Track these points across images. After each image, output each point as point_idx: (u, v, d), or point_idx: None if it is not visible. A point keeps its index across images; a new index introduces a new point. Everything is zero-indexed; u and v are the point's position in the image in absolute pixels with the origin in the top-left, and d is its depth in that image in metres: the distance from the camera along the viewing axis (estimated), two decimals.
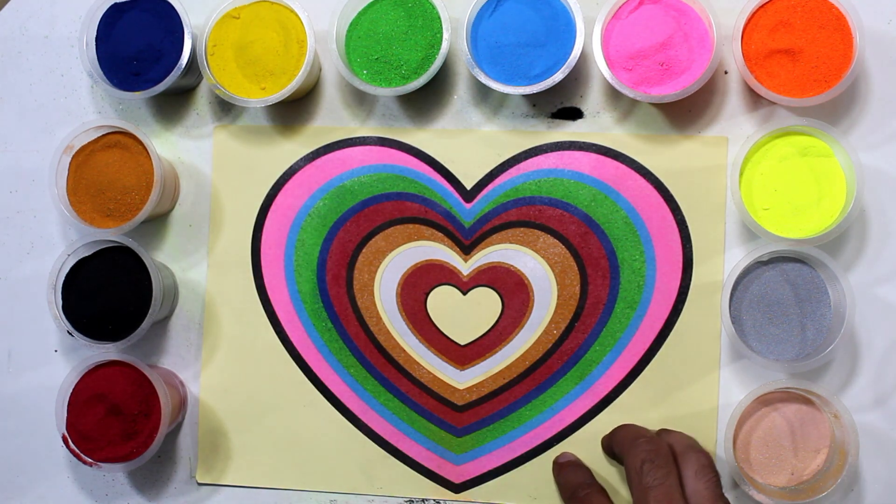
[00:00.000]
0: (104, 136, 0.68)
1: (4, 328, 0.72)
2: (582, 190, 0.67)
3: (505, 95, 0.68)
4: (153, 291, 0.66)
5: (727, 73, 0.67)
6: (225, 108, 0.71)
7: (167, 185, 0.68)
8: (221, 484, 0.70)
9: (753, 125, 0.66)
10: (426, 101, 0.69)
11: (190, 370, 0.70)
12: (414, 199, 0.69)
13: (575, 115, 0.68)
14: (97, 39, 0.69)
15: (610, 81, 0.63)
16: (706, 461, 0.57)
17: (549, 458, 0.67)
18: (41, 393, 0.71)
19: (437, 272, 0.68)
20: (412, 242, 0.69)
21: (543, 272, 0.67)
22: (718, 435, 0.65)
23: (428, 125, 0.69)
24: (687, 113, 0.67)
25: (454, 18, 0.66)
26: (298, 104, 0.71)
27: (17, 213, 0.73)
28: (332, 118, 0.70)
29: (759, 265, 0.63)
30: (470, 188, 0.68)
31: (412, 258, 0.69)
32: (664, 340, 0.66)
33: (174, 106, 0.72)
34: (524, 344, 0.67)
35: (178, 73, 0.67)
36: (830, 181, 0.62)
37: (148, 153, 0.67)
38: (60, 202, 0.67)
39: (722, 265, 0.66)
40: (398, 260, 0.69)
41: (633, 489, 0.57)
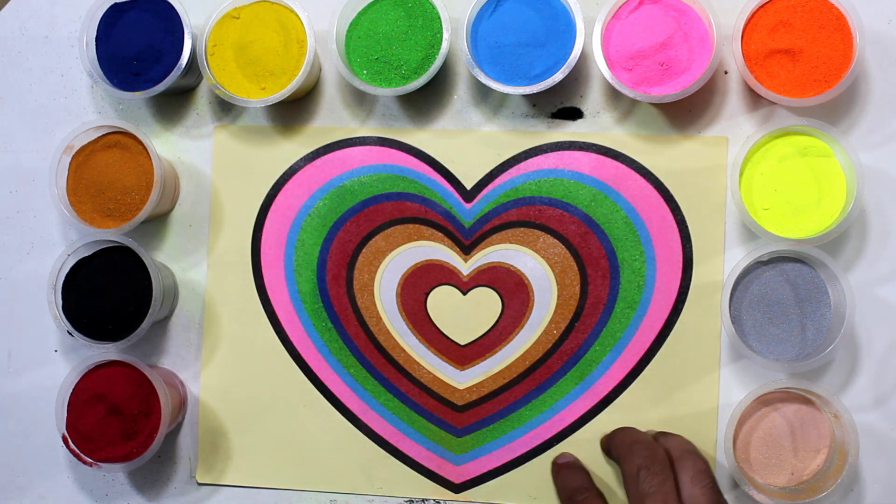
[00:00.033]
0: (104, 136, 0.68)
1: (4, 328, 0.72)
2: (582, 190, 0.67)
3: (505, 95, 0.68)
4: (153, 291, 0.66)
5: (727, 73, 0.67)
6: (225, 108, 0.71)
7: (167, 185, 0.68)
8: (221, 484, 0.70)
9: (753, 125, 0.66)
10: (426, 101, 0.69)
11: (190, 370, 0.70)
12: (414, 199, 0.69)
13: (575, 115, 0.68)
14: (97, 39, 0.69)
15: (610, 81, 0.63)
16: (702, 466, 0.57)
17: (549, 458, 0.67)
18: (41, 393, 0.71)
19: (437, 272, 0.68)
20: (412, 242, 0.69)
21: (543, 272, 0.67)
22: (718, 435, 0.65)
23: (428, 125, 0.69)
24: (687, 113, 0.67)
25: (454, 18, 0.66)
26: (298, 104, 0.71)
27: (17, 213, 0.73)
28: (332, 118, 0.70)
29: (759, 265, 0.63)
30: (470, 188, 0.68)
31: (412, 258, 0.68)
32: (664, 340, 0.66)
33: (174, 106, 0.72)
34: (524, 344, 0.67)
35: (178, 73, 0.67)
36: (830, 181, 0.62)
37: (148, 153, 0.67)
38: (60, 202, 0.67)
39: (722, 265, 0.66)
40: (398, 260, 0.69)
41: (630, 496, 0.57)
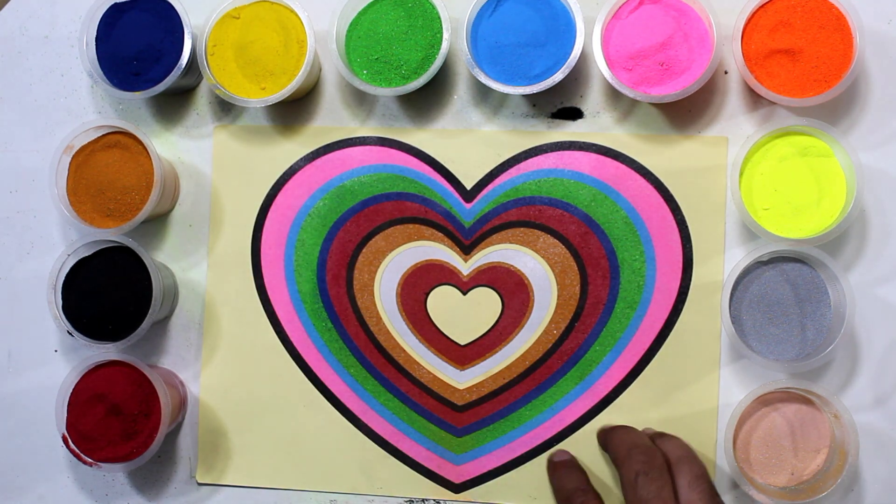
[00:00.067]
0: (104, 136, 0.68)
1: (4, 328, 0.72)
2: (582, 190, 0.67)
3: (505, 95, 0.68)
4: (153, 291, 0.66)
5: (727, 73, 0.67)
6: (225, 108, 0.71)
7: (167, 185, 0.68)
8: (221, 484, 0.70)
9: (753, 125, 0.66)
10: (426, 101, 0.69)
11: (190, 370, 0.70)
12: (414, 199, 0.69)
13: (575, 115, 0.68)
14: (97, 39, 0.69)
15: (610, 81, 0.63)
16: (700, 471, 0.57)
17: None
18: (41, 393, 0.71)
19: (437, 272, 0.68)
20: (412, 242, 0.69)
21: (543, 272, 0.67)
22: (718, 435, 0.65)
23: (428, 125, 0.69)
24: (687, 113, 0.67)
25: (454, 18, 0.66)
26: (298, 104, 0.71)
27: (17, 213, 0.73)
28: (332, 118, 0.70)
29: (759, 265, 0.63)
30: (470, 188, 0.68)
31: (412, 258, 0.68)
32: (664, 340, 0.66)
33: (174, 106, 0.72)
34: (524, 344, 0.67)
35: (178, 73, 0.67)
36: (830, 181, 0.62)
37: (148, 153, 0.67)
38: (60, 202, 0.67)
39: (722, 265, 0.66)
40: (398, 260, 0.69)
41: (628, 501, 0.57)
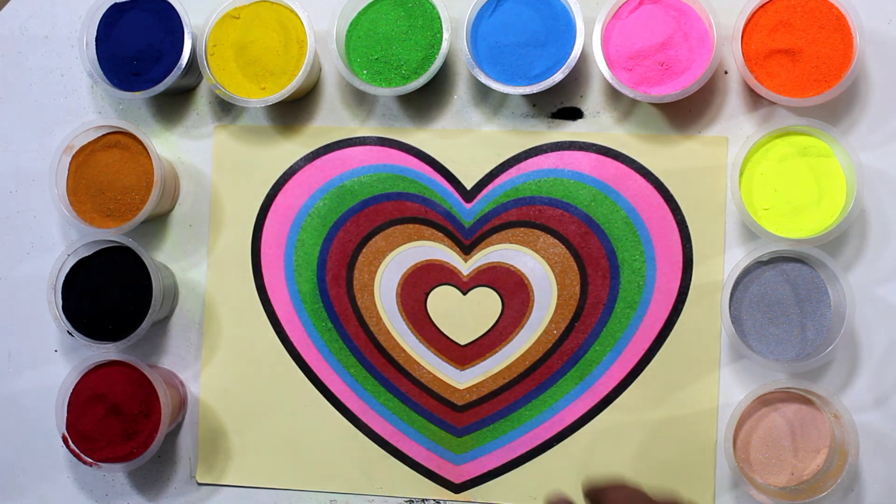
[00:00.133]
0: (104, 136, 0.68)
1: (4, 328, 0.72)
2: (582, 190, 0.67)
3: (505, 95, 0.68)
4: (153, 291, 0.66)
5: (727, 73, 0.67)
6: (225, 108, 0.71)
7: (167, 185, 0.68)
8: (221, 484, 0.70)
9: (753, 125, 0.66)
10: (426, 101, 0.69)
11: (190, 370, 0.70)
12: (414, 199, 0.69)
13: (575, 115, 0.68)
14: (97, 39, 0.69)
15: (610, 81, 0.63)
16: None
17: (549, 458, 0.67)
18: (41, 393, 0.71)
19: (437, 272, 0.68)
20: (412, 242, 0.69)
21: (543, 272, 0.67)
22: (718, 435, 0.65)
23: (428, 125, 0.69)
24: (687, 113, 0.67)
25: (454, 18, 0.66)
26: (298, 104, 0.71)
27: (17, 213, 0.73)
28: (332, 118, 0.70)
29: (759, 265, 0.63)
30: (470, 188, 0.68)
31: (412, 258, 0.68)
32: (664, 340, 0.66)
33: (174, 106, 0.72)
34: (524, 344, 0.67)
35: (178, 73, 0.67)
36: (830, 181, 0.62)
37: (148, 153, 0.67)
38: (60, 202, 0.67)
39: (722, 265, 0.66)
40: (398, 260, 0.69)
41: None
